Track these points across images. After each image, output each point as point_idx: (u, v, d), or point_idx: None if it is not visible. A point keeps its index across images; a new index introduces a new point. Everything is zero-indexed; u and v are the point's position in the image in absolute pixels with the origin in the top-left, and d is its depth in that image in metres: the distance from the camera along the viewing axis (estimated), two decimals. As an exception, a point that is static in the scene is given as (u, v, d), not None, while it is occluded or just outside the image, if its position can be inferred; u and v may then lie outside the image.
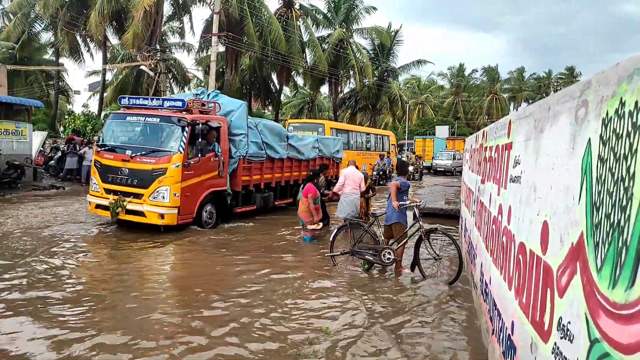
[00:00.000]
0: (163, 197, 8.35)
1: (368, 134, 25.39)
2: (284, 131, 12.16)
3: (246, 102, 11.17)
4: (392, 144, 27.40)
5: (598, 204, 1.66)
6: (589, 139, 1.80)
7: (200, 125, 8.58)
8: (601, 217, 1.62)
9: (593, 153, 1.75)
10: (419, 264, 6.57)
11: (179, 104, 9.12)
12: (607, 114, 1.64)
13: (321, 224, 8.93)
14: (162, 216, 8.34)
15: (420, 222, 6.50)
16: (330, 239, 7.15)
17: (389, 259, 6.51)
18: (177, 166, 8.39)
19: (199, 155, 8.67)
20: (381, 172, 21.55)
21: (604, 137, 1.65)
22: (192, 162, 8.61)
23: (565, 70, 69.98)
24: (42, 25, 29.32)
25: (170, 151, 8.54)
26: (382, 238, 6.89)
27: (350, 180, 8.83)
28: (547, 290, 2.18)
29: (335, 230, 7.32)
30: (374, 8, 35.17)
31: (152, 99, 9.72)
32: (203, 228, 9.08)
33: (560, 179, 2.13)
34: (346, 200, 8.77)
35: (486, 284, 4.20)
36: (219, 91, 11.76)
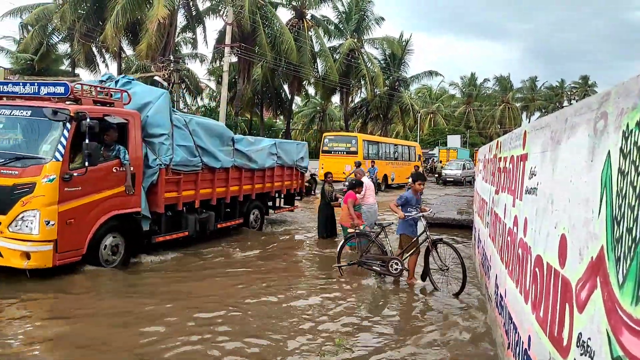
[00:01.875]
0: (29, 227, 5.65)
1: (396, 145, 27.95)
2: (229, 132, 9.34)
3: (168, 91, 8.53)
4: (417, 154, 29.65)
5: (619, 218, 1.63)
6: (609, 152, 1.77)
7: (91, 120, 5.88)
8: (622, 232, 1.59)
9: (613, 166, 1.72)
10: (429, 274, 6.46)
11: (61, 89, 6.52)
12: (627, 126, 1.62)
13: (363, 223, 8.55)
14: (27, 255, 5.63)
15: (428, 232, 6.40)
16: (337, 250, 7.12)
17: (396, 269, 6.44)
18: (52, 180, 5.70)
19: (88, 163, 5.90)
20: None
21: (625, 150, 1.63)
22: (75, 175, 5.89)
23: (579, 79, 69.46)
24: (59, 37, 30.01)
25: (42, 158, 5.87)
26: (390, 248, 6.81)
27: (370, 191, 9.09)
28: (566, 305, 2.14)
29: (343, 241, 7.36)
30: (382, 19, 35.47)
31: (25, 84, 6.94)
32: (103, 267, 6.39)
33: (579, 191, 2.09)
34: (370, 210, 8.95)
35: (501, 297, 4.14)
36: (132, 77, 9.56)
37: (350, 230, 7.67)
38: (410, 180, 7.11)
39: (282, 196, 11.83)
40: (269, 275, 6.85)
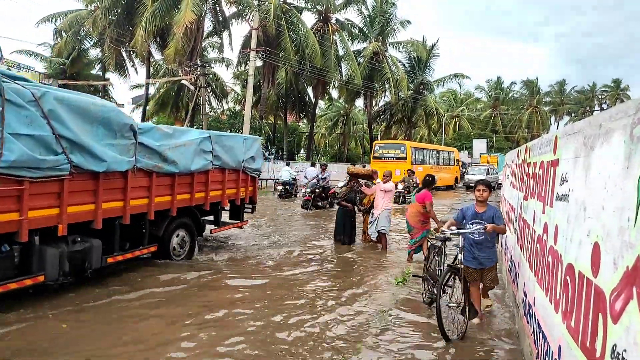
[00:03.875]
0: None
1: (438, 151, 30.53)
2: (124, 117, 6.10)
3: None
4: (456, 159, 31.98)
5: (657, 227, 1.59)
6: (646, 159, 1.73)
7: None
8: (661, 241, 1.55)
9: (651, 173, 1.68)
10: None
11: None
12: (666, 133, 1.58)
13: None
14: None
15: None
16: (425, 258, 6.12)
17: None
18: None
19: None
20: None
21: (664, 157, 1.58)
22: None
23: (611, 82, 67.42)
24: (91, 42, 30.94)
25: None
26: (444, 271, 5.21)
27: (390, 194, 9.22)
28: (599, 315, 2.09)
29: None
30: (409, 22, 35.20)
31: None
32: None
33: (613, 199, 2.04)
34: (388, 215, 9.17)
35: (530, 305, 4.05)
36: None
37: (431, 237, 6.50)
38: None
39: (226, 208, 9.08)
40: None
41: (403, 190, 18.39)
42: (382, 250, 9.17)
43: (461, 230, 4.97)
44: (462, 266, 4.91)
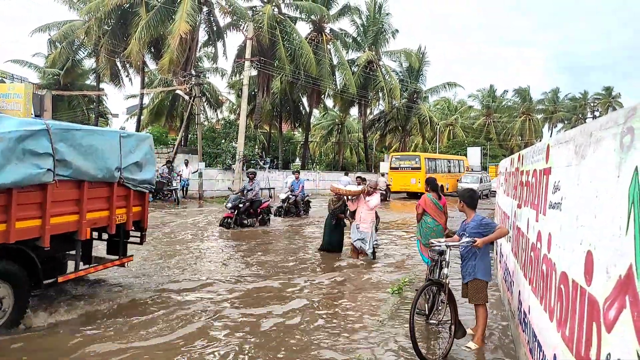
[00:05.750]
0: None
1: (449, 160, 33.12)
2: None
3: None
4: (466, 167, 34.22)
5: (648, 236, 1.59)
6: (636, 167, 1.74)
7: None
8: (652, 250, 1.55)
9: (641, 182, 1.69)
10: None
11: None
12: (655, 142, 1.59)
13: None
14: None
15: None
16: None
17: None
18: None
19: None
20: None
21: (653, 166, 1.59)
22: None
23: (602, 90, 68.16)
24: (85, 53, 30.94)
25: None
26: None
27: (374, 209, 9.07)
28: (593, 324, 2.09)
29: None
30: (397, 30, 35.65)
31: None
32: None
33: (605, 207, 2.05)
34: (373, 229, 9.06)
35: (525, 314, 4.05)
36: None
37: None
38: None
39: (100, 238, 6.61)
40: None
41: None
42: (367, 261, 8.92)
43: (449, 243, 4.80)
44: (447, 280, 4.69)
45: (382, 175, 27.95)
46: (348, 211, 9.43)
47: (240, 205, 12.66)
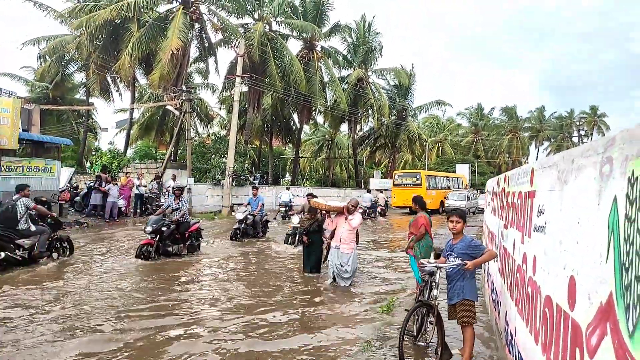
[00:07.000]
0: None
1: (448, 177, 34.83)
2: None
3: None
4: (464, 184, 35.52)
5: (627, 265, 1.62)
6: (615, 197, 1.78)
7: None
8: (631, 279, 1.58)
9: (620, 211, 1.73)
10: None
11: None
12: (633, 173, 1.63)
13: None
14: None
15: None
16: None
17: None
18: None
19: None
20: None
21: (631, 197, 1.63)
22: None
23: (588, 110, 69.52)
24: (75, 67, 30.84)
25: None
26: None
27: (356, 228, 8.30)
28: (576, 350, 2.11)
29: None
30: (382, 47, 36.03)
31: None
32: None
33: (587, 234, 2.09)
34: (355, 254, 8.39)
35: (511, 335, 4.06)
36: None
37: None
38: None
39: None
40: None
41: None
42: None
43: (440, 265, 4.73)
44: (436, 302, 4.67)
45: (369, 191, 28.11)
46: (325, 230, 8.83)
47: (164, 229, 9.84)
